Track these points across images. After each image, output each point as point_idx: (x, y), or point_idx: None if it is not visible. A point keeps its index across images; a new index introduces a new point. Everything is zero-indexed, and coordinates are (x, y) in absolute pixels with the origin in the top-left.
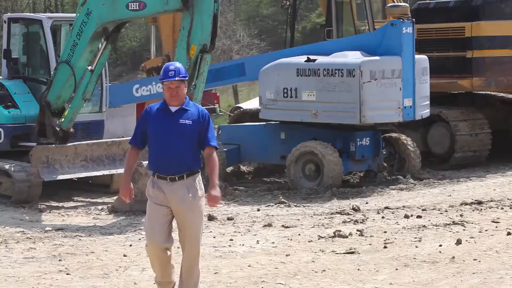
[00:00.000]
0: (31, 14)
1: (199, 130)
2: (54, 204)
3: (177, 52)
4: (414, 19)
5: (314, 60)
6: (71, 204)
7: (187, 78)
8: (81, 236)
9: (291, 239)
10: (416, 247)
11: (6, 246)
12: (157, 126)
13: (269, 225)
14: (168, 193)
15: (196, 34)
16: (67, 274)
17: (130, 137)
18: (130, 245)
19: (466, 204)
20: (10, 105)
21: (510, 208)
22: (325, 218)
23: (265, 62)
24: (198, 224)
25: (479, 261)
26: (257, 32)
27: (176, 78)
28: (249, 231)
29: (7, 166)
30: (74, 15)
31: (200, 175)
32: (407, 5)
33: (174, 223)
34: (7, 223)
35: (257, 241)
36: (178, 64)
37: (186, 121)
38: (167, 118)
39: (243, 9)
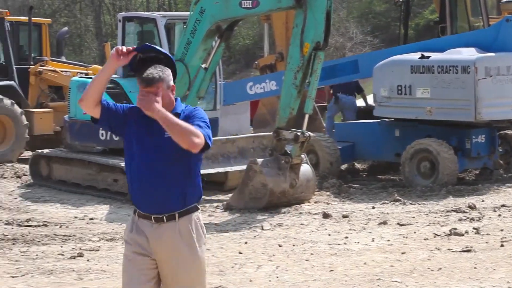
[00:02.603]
0: (145, 13)
1: None
2: None
3: (291, 50)
4: None
5: (428, 57)
6: None
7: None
8: None
9: (406, 237)
10: None
11: (123, 243)
12: (133, 139)
13: (384, 222)
14: (152, 239)
15: (310, 32)
16: None
17: (242, 135)
18: (246, 243)
19: None
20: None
21: None
22: (440, 216)
23: (378, 59)
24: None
25: None
26: (370, 29)
27: (145, 48)
28: (364, 228)
29: (122, 164)
30: (187, 13)
31: (200, 214)
32: None
33: None
34: (124, 220)
35: (372, 238)
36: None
37: None
38: (147, 128)
39: (355, 6)
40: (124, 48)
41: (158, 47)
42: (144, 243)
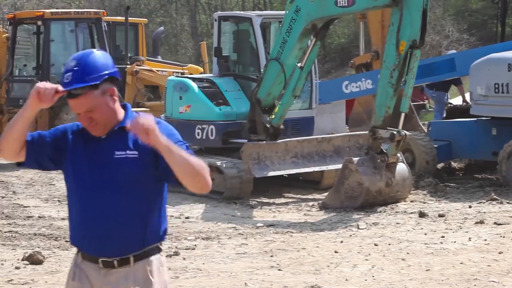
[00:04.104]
0: (241, 12)
1: (155, 158)
2: (265, 200)
3: (387, 48)
4: None
5: None
6: (282, 200)
7: (102, 79)
8: (292, 232)
9: (503, 237)
10: None
11: (218, 241)
12: (72, 168)
13: (481, 222)
14: None
15: (406, 30)
16: (279, 270)
17: (338, 134)
18: (341, 242)
19: None
20: (221, 102)
21: None
22: None
23: (475, 57)
24: None
25: None
26: (466, 27)
27: (75, 87)
28: (460, 228)
29: (218, 163)
30: (283, 12)
31: (162, 256)
32: None
33: None
34: (220, 219)
35: (469, 238)
36: (88, 56)
37: (128, 152)
38: (92, 150)
39: (451, 4)
40: (47, 90)
41: (86, 82)
42: None
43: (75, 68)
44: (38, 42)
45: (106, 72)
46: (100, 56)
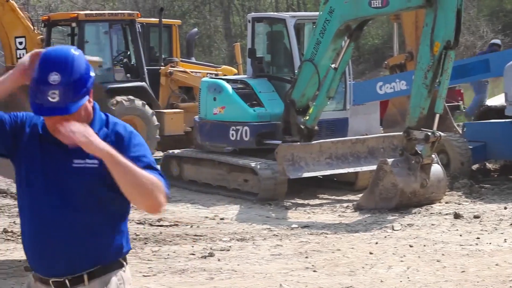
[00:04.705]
0: (275, 13)
1: None
2: (300, 201)
3: (421, 49)
4: None
5: None
6: (317, 201)
7: (87, 90)
8: (327, 234)
9: None
10: None
11: (253, 243)
12: (24, 170)
13: None
14: None
15: (440, 31)
16: (314, 271)
17: (373, 135)
18: (376, 243)
19: None
20: (255, 104)
21: None
22: None
23: (510, 58)
24: None
25: None
26: (500, 28)
27: (70, 112)
28: (496, 229)
29: (253, 164)
30: (317, 13)
31: (124, 272)
32: None
33: None
34: (254, 220)
35: (505, 239)
36: (72, 63)
37: (88, 161)
38: (49, 154)
39: (486, 4)
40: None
41: (79, 101)
42: None
43: (60, 83)
44: (72, 44)
45: (91, 80)
46: (79, 59)
